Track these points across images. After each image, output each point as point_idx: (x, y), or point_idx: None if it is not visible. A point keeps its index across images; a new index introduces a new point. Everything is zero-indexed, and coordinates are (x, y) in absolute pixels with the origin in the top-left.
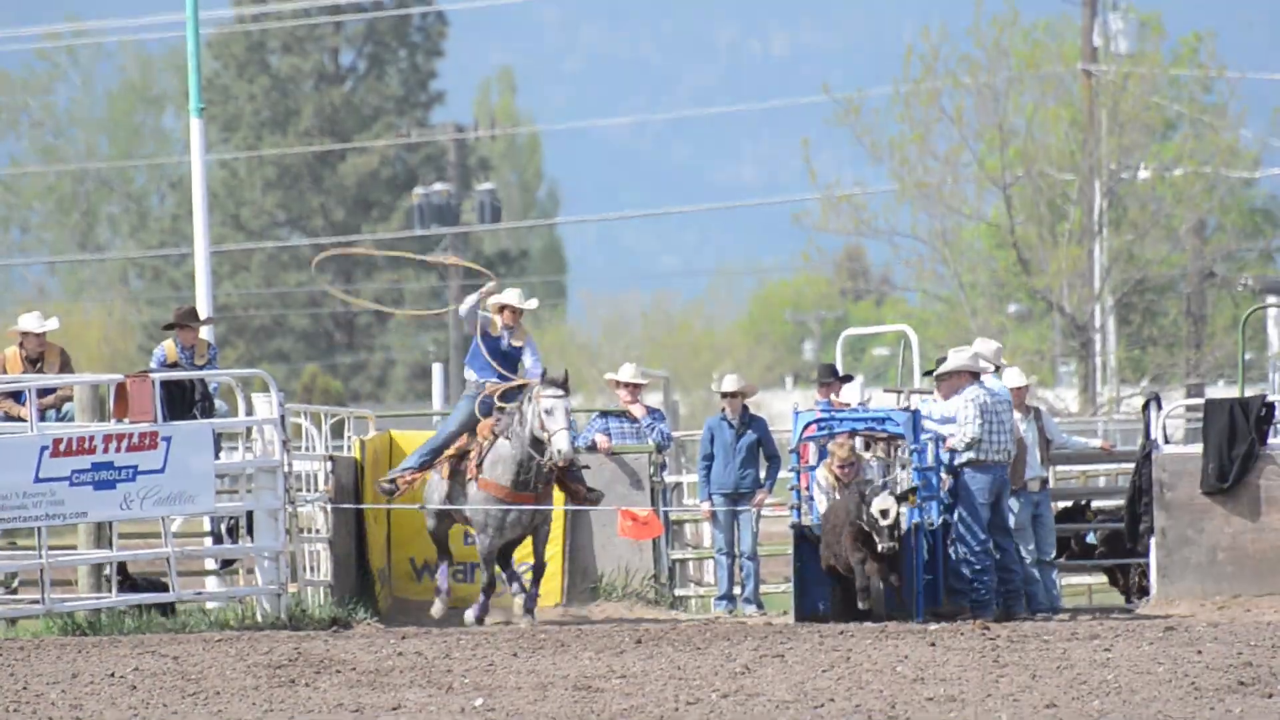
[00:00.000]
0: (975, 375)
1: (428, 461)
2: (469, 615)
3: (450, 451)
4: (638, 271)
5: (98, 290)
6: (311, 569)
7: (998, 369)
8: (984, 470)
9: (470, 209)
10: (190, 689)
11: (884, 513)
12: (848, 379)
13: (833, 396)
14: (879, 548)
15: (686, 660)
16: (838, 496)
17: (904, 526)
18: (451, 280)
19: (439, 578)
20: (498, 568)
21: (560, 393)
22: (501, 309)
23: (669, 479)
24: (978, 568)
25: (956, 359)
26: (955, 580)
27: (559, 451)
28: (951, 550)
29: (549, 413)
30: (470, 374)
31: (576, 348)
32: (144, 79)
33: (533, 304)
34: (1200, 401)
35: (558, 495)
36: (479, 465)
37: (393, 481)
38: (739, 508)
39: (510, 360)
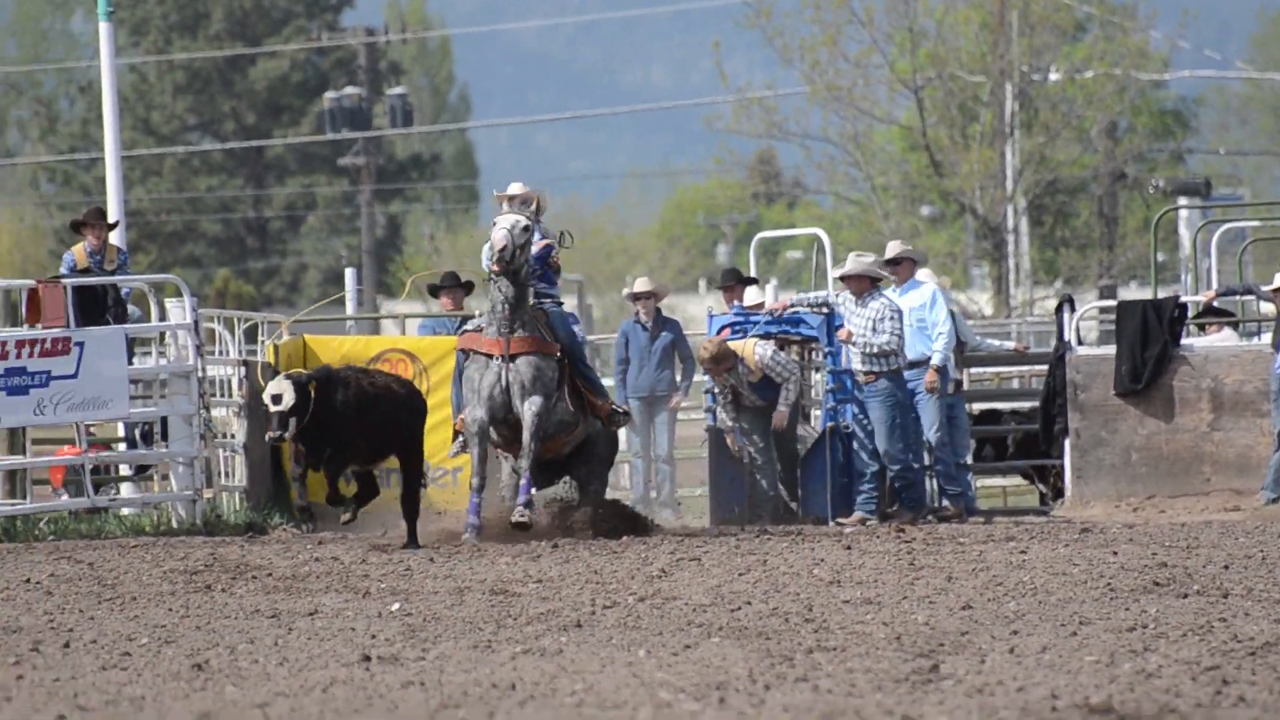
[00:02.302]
0: (875, 281)
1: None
2: (467, 535)
3: None
4: (549, 175)
5: (7, 195)
6: (227, 474)
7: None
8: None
9: (382, 113)
10: (106, 594)
11: (275, 398)
12: (750, 282)
13: (736, 301)
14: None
15: (603, 564)
16: (720, 398)
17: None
18: (363, 184)
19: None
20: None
21: (517, 212)
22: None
23: None
24: (916, 468)
25: (857, 263)
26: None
27: (494, 248)
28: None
29: (494, 223)
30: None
31: None
32: None
33: (515, 187)
34: (1113, 303)
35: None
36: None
37: (457, 434)
38: (655, 411)
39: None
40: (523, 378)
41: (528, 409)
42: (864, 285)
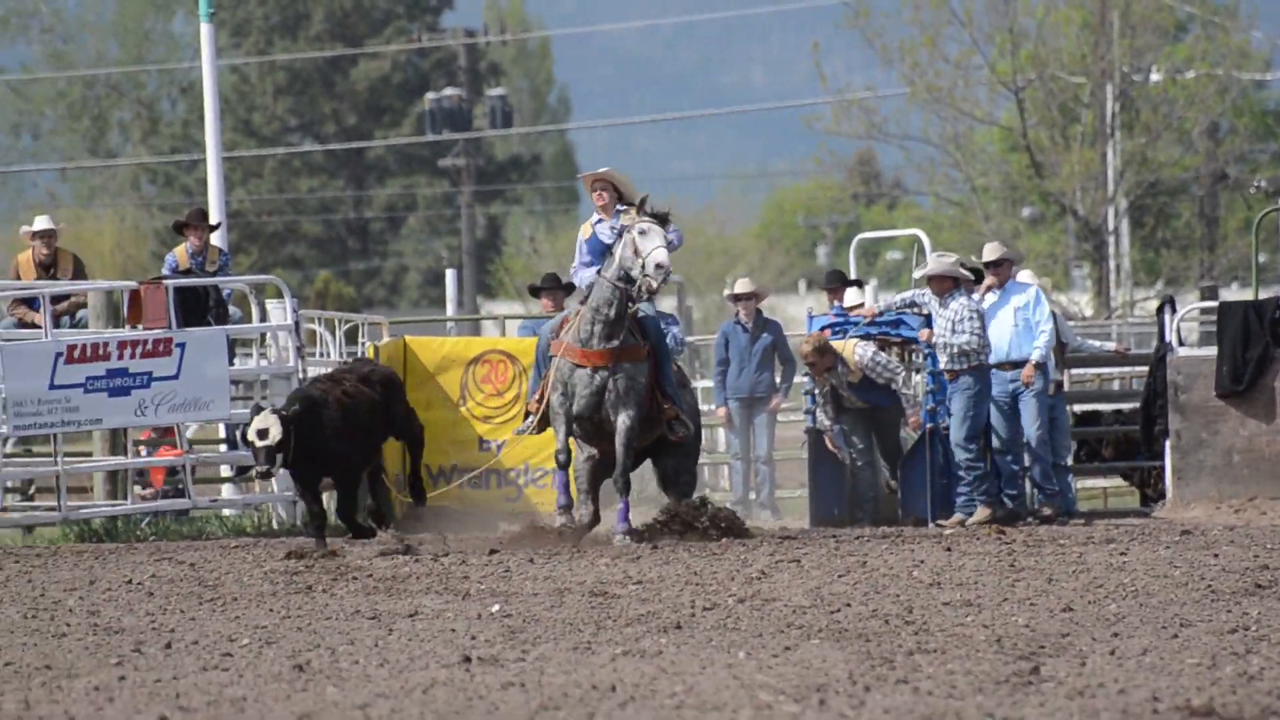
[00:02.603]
0: (957, 282)
1: (544, 374)
2: (562, 517)
3: None
4: (649, 176)
5: (109, 196)
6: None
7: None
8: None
9: (482, 114)
10: (207, 595)
11: (261, 433)
12: (852, 283)
13: (836, 301)
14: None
15: (702, 566)
16: (820, 396)
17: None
18: (463, 185)
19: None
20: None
21: (657, 222)
22: (593, 185)
23: None
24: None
25: (939, 263)
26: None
27: (655, 265)
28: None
29: (643, 233)
30: (578, 279)
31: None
32: None
33: (603, 170)
34: (1214, 304)
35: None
36: (560, 336)
37: (526, 417)
38: (754, 412)
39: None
40: (618, 387)
41: (621, 422)
42: (946, 285)
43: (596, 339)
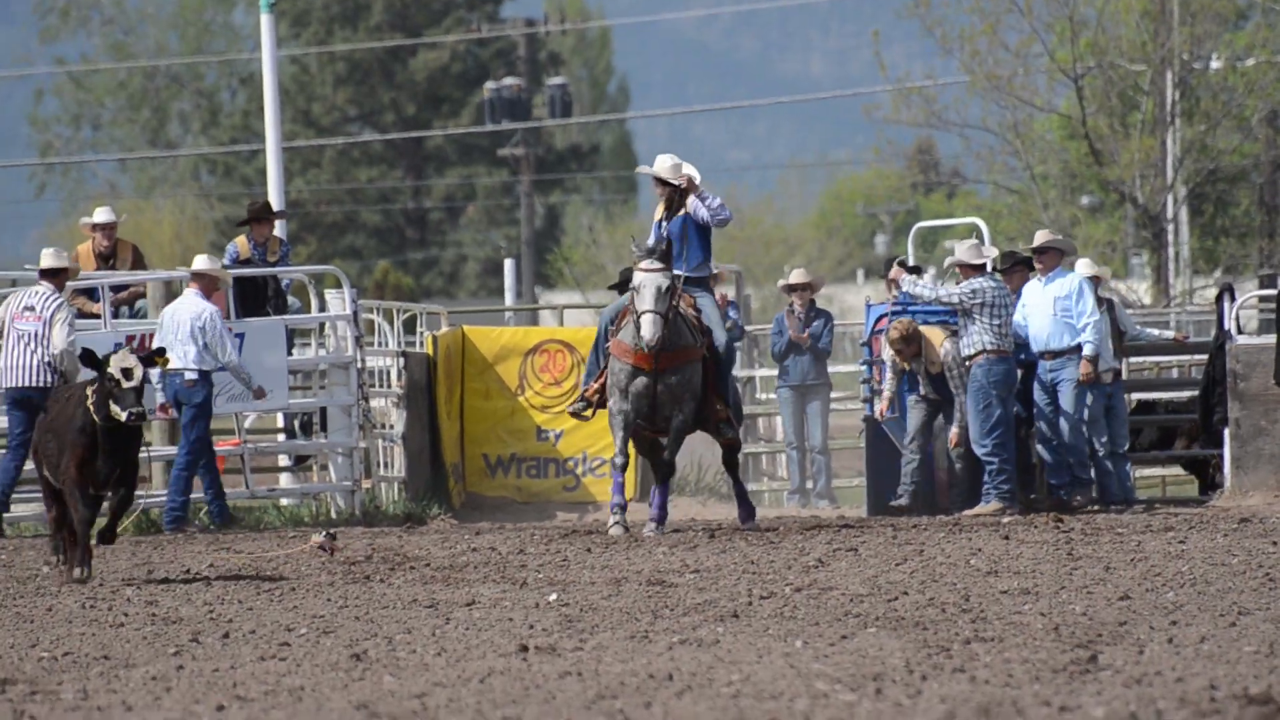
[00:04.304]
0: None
1: (601, 362)
2: (616, 518)
3: None
4: (708, 166)
5: (169, 187)
6: (385, 465)
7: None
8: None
9: (541, 104)
10: (266, 585)
11: (126, 372)
12: (914, 270)
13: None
14: (121, 415)
15: (760, 554)
16: (891, 375)
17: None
18: (522, 175)
19: (613, 491)
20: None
21: (656, 265)
22: (657, 185)
23: (742, 373)
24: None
25: (965, 252)
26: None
27: (642, 339)
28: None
29: (637, 290)
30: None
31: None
32: None
33: (688, 170)
34: (1274, 292)
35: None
36: (618, 329)
37: (583, 400)
38: (807, 400)
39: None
40: (672, 391)
41: (674, 422)
42: (970, 273)
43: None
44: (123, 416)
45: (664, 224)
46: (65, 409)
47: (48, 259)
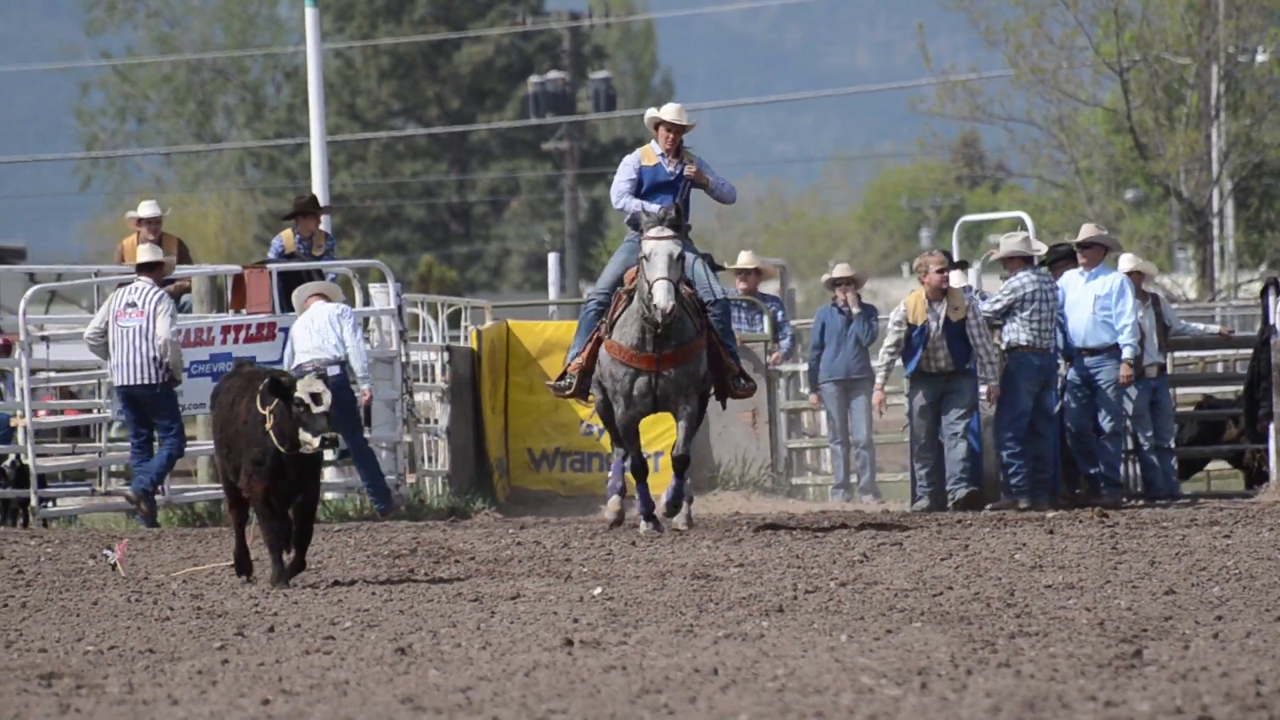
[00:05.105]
0: (1028, 261)
1: (587, 338)
2: (609, 511)
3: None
4: (752, 159)
5: (214, 181)
6: (429, 459)
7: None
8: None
9: (585, 97)
10: (310, 579)
11: (315, 397)
12: (959, 265)
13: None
14: (314, 441)
15: (804, 549)
16: (908, 327)
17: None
18: (567, 169)
19: (611, 473)
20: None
21: (667, 232)
22: (658, 126)
23: (786, 368)
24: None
25: (1009, 245)
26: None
27: (656, 308)
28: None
29: (648, 258)
30: (617, 201)
31: (691, 236)
32: None
33: (671, 109)
34: None
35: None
36: (610, 326)
37: (562, 377)
38: (851, 394)
39: (673, 189)
40: (676, 384)
41: (684, 413)
42: (1016, 266)
43: (637, 346)
44: (315, 443)
45: (663, 167)
46: (243, 431)
47: (145, 254)
